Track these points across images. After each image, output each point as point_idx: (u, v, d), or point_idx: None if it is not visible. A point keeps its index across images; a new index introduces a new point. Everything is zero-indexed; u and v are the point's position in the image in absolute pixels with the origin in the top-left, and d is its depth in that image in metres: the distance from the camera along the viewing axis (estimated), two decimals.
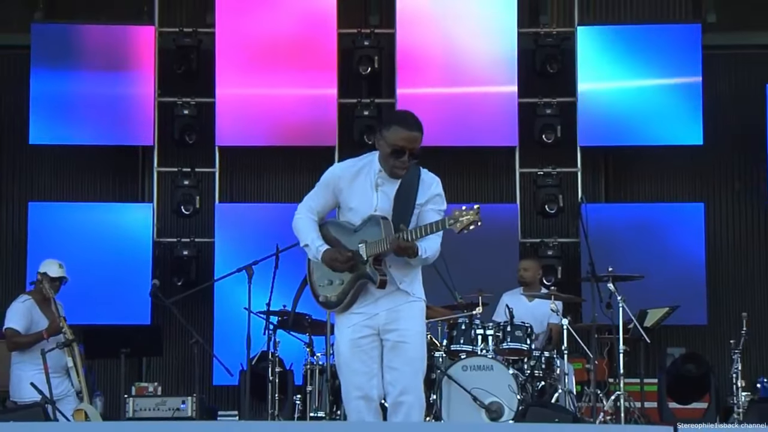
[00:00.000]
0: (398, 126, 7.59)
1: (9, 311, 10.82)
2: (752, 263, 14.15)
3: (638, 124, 14.38)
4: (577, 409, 10.66)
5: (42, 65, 14.25)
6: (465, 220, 7.19)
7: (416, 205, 7.54)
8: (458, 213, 7.23)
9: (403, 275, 7.60)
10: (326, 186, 7.71)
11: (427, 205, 7.53)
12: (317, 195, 7.73)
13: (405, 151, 7.49)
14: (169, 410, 11.66)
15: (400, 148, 7.50)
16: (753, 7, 14.71)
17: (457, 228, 7.21)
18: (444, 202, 7.58)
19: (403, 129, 7.55)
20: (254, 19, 14.49)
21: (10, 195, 14.37)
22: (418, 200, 7.55)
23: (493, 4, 14.54)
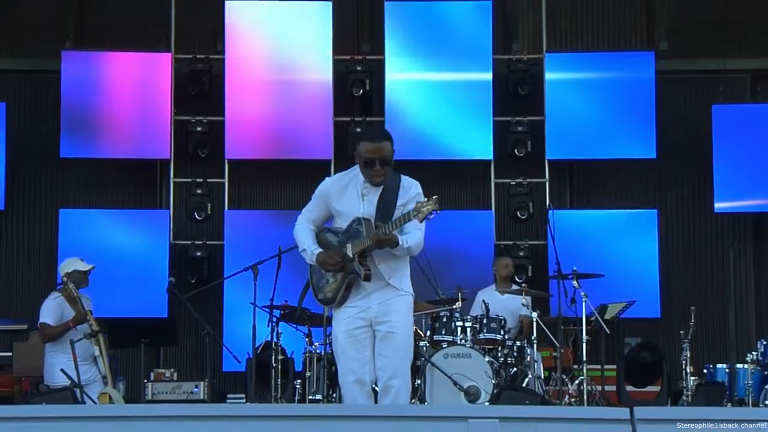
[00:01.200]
0: (365, 140, 7.70)
1: (42, 307, 10.80)
2: (700, 263, 14.17)
3: (599, 140, 14.40)
4: (545, 392, 10.65)
5: (71, 87, 14.24)
6: (425, 210, 7.28)
7: (397, 206, 7.57)
8: (419, 205, 7.34)
9: (391, 271, 7.63)
10: (319, 198, 7.82)
11: (408, 206, 7.53)
12: (312, 207, 7.84)
13: (375, 161, 7.56)
14: (184, 393, 11.68)
15: (370, 160, 7.58)
16: (699, 37, 14.77)
17: (420, 218, 7.31)
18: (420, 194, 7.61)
19: (369, 142, 7.65)
20: (259, 47, 14.53)
21: (43, 203, 14.35)
22: (398, 202, 7.59)
23: (470, 34, 14.53)
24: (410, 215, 7.38)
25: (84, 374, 10.24)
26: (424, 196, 7.60)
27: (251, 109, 14.43)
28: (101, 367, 10.52)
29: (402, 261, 7.73)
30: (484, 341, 10.54)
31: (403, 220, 7.45)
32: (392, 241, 7.49)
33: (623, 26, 15.07)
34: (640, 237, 14.10)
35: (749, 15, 14.58)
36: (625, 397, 11.47)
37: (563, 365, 11.11)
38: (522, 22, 14.95)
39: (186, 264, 14.05)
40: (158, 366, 12.76)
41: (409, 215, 7.40)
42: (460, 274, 11.42)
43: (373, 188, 7.64)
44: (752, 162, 14.31)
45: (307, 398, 10.54)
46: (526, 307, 11.26)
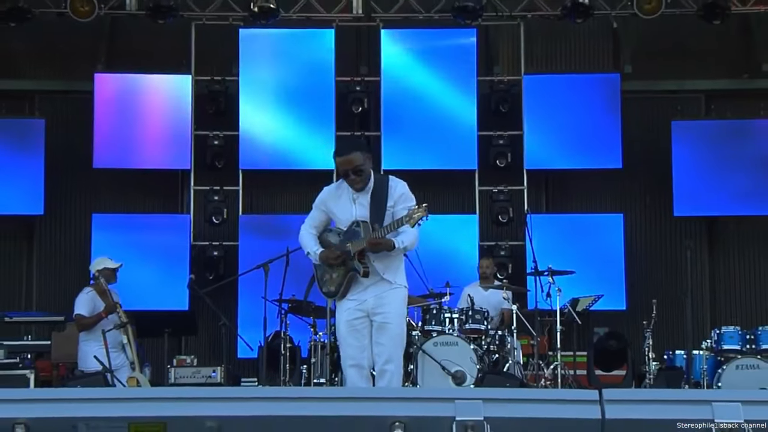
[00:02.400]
0: (336, 156, 7.79)
1: (76, 301, 10.80)
2: (660, 261, 14.18)
3: (572, 152, 14.45)
4: (524, 376, 10.65)
5: (103, 106, 14.27)
6: (416, 216, 7.34)
7: (387, 207, 7.60)
8: (411, 211, 7.38)
9: (385, 267, 7.64)
10: (317, 207, 7.89)
11: (397, 206, 7.57)
12: (313, 215, 7.91)
13: (347, 171, 7.63)
14: (203, 377, 11.65)
15: (343, 171, 7.68)
16: (660, 61, 14.81)
17: (411, 223, 7.36)
18: (411, 199, 7.65)
19: (338, 156, 7.75)
20: (269, 70, 14.56)
21: (78, 208, 14.36)
22: (388, 203, 7.61)
23: (457, 58, 14.59)
24: (402, 221, 7.42)
25: (114, 360, 10.25)
26: (411, 195, 7.65)
27: (262, 125, 14.47)
28: (129, 354, 10.52)
29: (395, 257, 7.73)
30: (470, 331, 10.54)
31: (396, 225, 7.48)
32: (388, 245, 7.52)
33: (592, 52, 15.11)
34: (607, 238, 14.14)
35: (703, 43, 14.64)
36: (594, 381, 11.45)
37: (540, 352, 11.09)
38: (502, 48, 14.99)
39: (204, 263, 14.06)
40: (180, 353, 12.76)
41: (401, 221, 7.43)
42: (448, 272, 11.42)
43: (362, 193, 7.68)
44: (707, 172, 14.35)
45: (312, 382, 10.53)
46: (507, 301, 11.28)
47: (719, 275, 14.73)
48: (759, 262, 14.65)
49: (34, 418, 4.97)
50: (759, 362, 10.48)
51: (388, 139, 14.28)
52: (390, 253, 7.62)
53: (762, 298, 13.41)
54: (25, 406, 5.03)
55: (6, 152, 14.21)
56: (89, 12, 13.82)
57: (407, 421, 4.91)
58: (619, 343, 12.04)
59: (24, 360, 11.58)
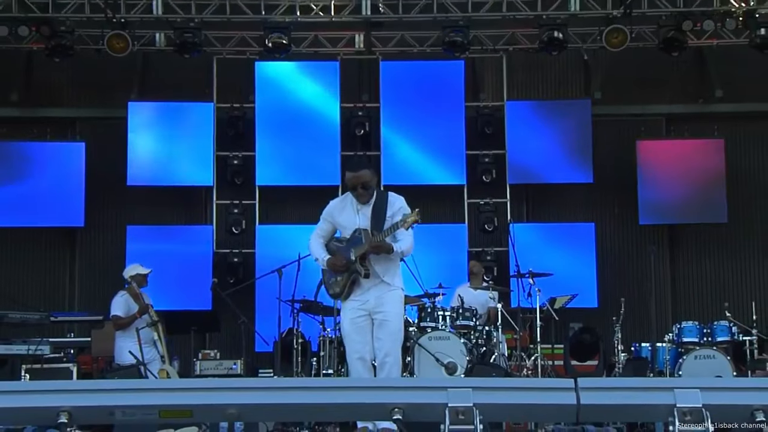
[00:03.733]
0: (348, 171, 7.82)
1: (112, 303, 10.81)
2: (627, 264, 14.18)
3: (549, 169, 14.47)
4: (508, 366, 10.61)
5: (135, 130, 14.30)
6: (410, 220, 7.38)
7: (387, 217, 7.60)
8: (405, 216, 7.43)
9: (384, 270, 7.65)
10: (324, 219, 7.89)
11: (396, 216, 7.56)
12: (320, 225, 7.91)
13: (356, 186, 7.63)
14: (225, 369, 11.66)
15: (352, 185, 7.66)
16: (625, 88, 14.84)
17: (405, 227, 7.41)
18: (407, 209, 7.62)
19: (350, 172, 7.76)
20: (281, 98, 14.57)
21: (114, 221, 14.35)
22: (387, 214, 7.61)
23: (447, 87, 14.62)
24: (398, 225, 7.46)
25: (146, 355, 10.26)
26: (407, 207, 7.64)
27: (276, 146, 14.48)
28: (160, 349, 10.53)
29: (393, 262, 7.74)
30: (460, 327, 10.51)
31: (393, 230, 7.52)
32: (387, 247, 7.55)
33: (566, 80, 15.14)
34: (581, 244, 14.14)
35: (663, 72, 14.67)
36: (570, 370, 11.45)
37: (522, 345, 11.06)
38: (487, 78, 15.01)
39: (226, 268, 14.05)
40: (204, 348, 12.71)
41: (396, 225, 7.47)
42: (441, 274, 11.37)
43: (365, 205, 7.68)
44: (668, 185, 14.36)
45: (321, 372, 10.51)
46: (493, 300, 11.28)
47: (679, 276, 14.74)
48: (714, 264, 14.67)
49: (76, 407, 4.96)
50: (714, 353, 10.48)
51: (386, 158, 14.31)
52: (389, 258, 7.64)
53: (717, 296, 13.39)
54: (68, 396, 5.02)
55: (51, 172, 14.21)
56: (124, 48, 13.85)
57: (405, 407, 4.89)
58: (592, 336, 12.05)
59: (67, 355, 11.59)
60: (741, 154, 14.77)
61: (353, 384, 5.80)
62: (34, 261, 14.49)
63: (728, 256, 14.62)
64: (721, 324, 10.92)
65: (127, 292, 10.82)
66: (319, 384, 6.21)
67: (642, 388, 5.25)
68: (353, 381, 7.01)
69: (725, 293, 13.09)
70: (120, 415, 5.03)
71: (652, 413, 5.08)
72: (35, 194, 14.10)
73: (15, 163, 14.24)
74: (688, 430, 4.83)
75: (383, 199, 7.72)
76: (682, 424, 4.83)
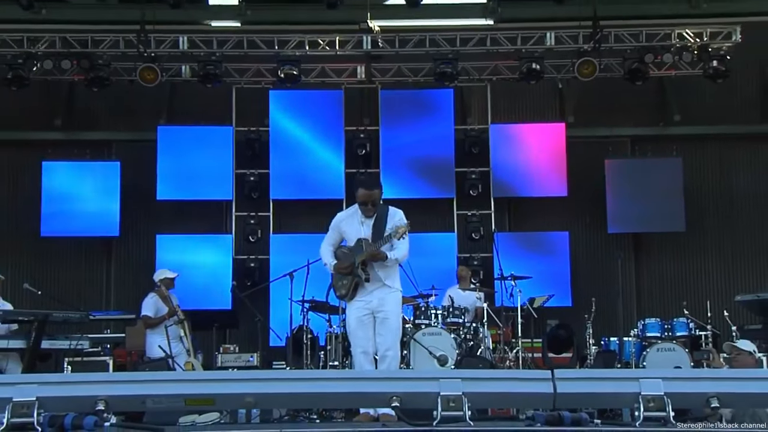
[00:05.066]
0: (359, 187, 7.79)
1: (143, 303, 10.79)
2: (598, 268, 14.10)
3: (528, 184, 14.47)
4: (493, 358, 10.59)
5: (164, 151, 14.30)
6: (400, 231, 7.46)
7: (387, 228, 7.60)
8: (397, 228, 7.48)
9: (385, 275, 7.68)
10: (333, 228, 7.90)
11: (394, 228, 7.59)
12: (329, 235, 7.93)
13: (367, 203, 7.64)
14: (243, 361, 11.65)
15: (363, 201, 7.66)
16: (595, 113, 14.84)
17: (397, 237, 7.46)
18: (404, 221, 7.64)
19: (361, 189, 7.75)
20: (292, 122, 14.57)
21: (145, 231, 14.32)
22: (387, 226, 7.62)
23: (438, 112, 14.64)
24: (390, 236, 7.50)
25: (174, 349, 10.22)
26: (405, 219, 7.67)
27: (288, 165, 14.46)
28: (186, 343, 10.50)
29: (393, 267, 7.76)
30: (451, 324, 10.47)
31: (387, 240, 7.54)
32: (381, 256, 7.57)
33: (544, 106, 15.15)
34: (556, 250, 14.14)
35: (628, 99, 14.65)
36: (547, 361, 11.40)
37: (505, 339, 11.04)
38: (473, 104, 15.02)
39: (243, 272, 14.03)
40: (225, 342, 12.71)
41: (389, 236, 7.51)
42: (433, 277, 11.34)
43: (368, 218, 7.70)
44: (633, 198, 14.36)
45: (328, 364, 10.49)
46: (480, 300, 11.21)
47: (643, 278, 14.74)
48: (673, 268, 14.67)
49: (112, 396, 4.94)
50: (674, 346, 10.48)
51: (385, 174, 14.21)
52: (387, 264, 7.64)
53: (676, 296, 13.35)
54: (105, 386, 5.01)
55: (90, 187, 14.22)
56: (154, 79, 13.86)
57: (402, 396, 4.89)
58: (567, 332, 12.01)
59: (104, 349, 11.58)
60: (697, 171, 14.78)
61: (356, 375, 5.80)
62: (75, 266, 14.49)
63: (686, 261, 14.62)
64: (680, 320, 10.92)
65: (156, 293, 10.80)
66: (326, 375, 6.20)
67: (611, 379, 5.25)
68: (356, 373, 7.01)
69: (683, 293, 13.07)
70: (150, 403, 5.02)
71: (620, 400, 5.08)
72: (76, 208, 14.08)
73: (59, 181, 14.22)
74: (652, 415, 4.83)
75: (384, 213, 7.73)
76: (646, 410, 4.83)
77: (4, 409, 4.73)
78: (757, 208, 14.76)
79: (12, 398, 4.76)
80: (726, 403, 5.04)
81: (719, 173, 14.96)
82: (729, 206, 14.78)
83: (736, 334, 10.13)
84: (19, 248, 14.20)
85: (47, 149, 14.46)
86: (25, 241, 14.20)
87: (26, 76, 13.73)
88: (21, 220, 14.29)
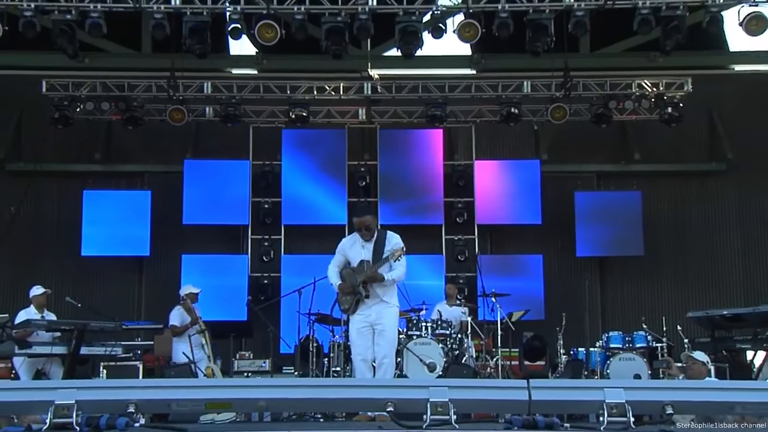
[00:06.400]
0: (354, 216, 7.93)
1: (170, 315, 10.76)
2: (568, 287, 14.04)
3: (507, 213, 14.46)
4: (476, 366, 10.56)
5: (190, 181, 14.29)
6: (396, 254, 7.51)
7: (385, 251, 7.64)
8: (394, 251, 7.53)
9: (383, 293, 7.70)
10: (338, 252, 7.92)
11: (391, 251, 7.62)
12: (336, 258, 7.95)
13: (361, 228, 7.70)
14: (257, 366, 11.57)
15: (358, 227, 7.72)
16: (566, 151, 14.85)
17: (394, 259, 7.52)
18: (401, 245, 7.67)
19: (356, 217, 7.85)
20: (302, 157, 14.59)
21: (173, 251, 14.25)
22: (386, 249, 7.65)
23: (429, 149, 14.66)
24: (388, 258, 7.53)
25: (196, 355, 10.17)
26: (401, 243, 7.68)
27: (297, 194, 14.45)
28: (207, 350, 10.44)
29: (390, 286, 7.76)
30: (439, 335, 10.43)
31: (385, 262, 7.57)
32: (379, 278, 7.60)
33: (521, 144, 15.17)
34: (532, 271, 14.11)
35: (595, 139, 14.68)
36: (523, 368, 11.38)
37: (486, 349, 11.01)
38: (460, 142, 15.03)
39: (258, 288, 13.98)
40: (241, 349, 12.62)
41: (386, 259, 7.55)
42: (424, 294, 11.33)
43: (369, 242, 7.70)
44: (598, 226, 14.37)
45: (331, 370, 10.45)
46: (464, 314, 11.15)
47: (607, 296, 14.71)
48: (634, 287, 14.64)
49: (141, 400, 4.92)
50: (634, 356, 10.46)
51: (383, 203, 14.31)
52: (385, 283, 7.64)
53: (636, 312, 13.23)
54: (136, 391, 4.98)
55: (124, 213, 14.18)
56: (181, 119, 13.95)
57: (396, 402, 4.87)
58: (540, 343, 12.00)
59: (135, 354, 11.52)
60: (654, 203, 14.79)
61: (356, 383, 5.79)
62: (110, 282, 14.44)
63: (644, 281, 14.60)
64: (639, 334, 10.90)
65: (181, 306, 10.79)
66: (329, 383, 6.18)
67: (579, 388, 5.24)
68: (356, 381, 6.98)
69: (642, 310, 13.01)
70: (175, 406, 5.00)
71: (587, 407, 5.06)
72: (112, 230, 14.05)
73: (97, 207, 14.20)
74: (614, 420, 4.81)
75: (383, 237, 7.76)
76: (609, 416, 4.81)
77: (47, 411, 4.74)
78: (705, 235, 14.80)
79: (54, 401, 4.76)
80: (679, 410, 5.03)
81: (673, 205, 14.99)
82: (682, 233, 14.79)
83: (689, 346, 10.10)
84: (62, 266, 14.17)
85: (88, 179, 14.48)
86: (68, 260, 14.17)
87: (71, 116, 13.79)
88: (64, 241, 14.26)
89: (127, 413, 4.85)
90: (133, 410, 4.86)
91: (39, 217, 14.61)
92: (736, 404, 4.88)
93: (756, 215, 14.83)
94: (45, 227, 14.58)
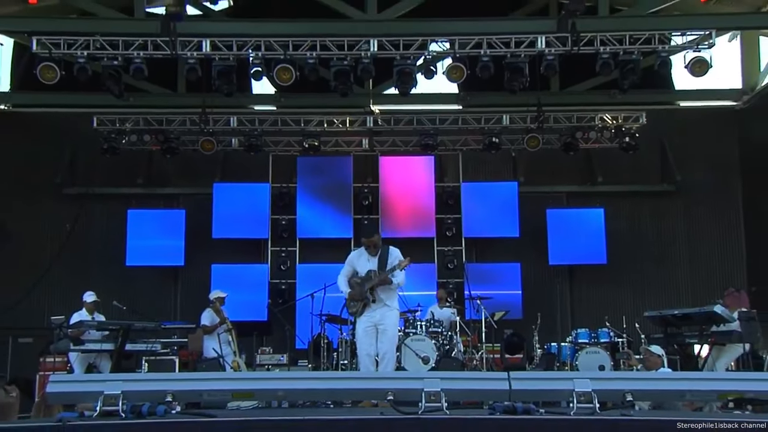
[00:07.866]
0: (363, 237, 7.97)
1: (202, 316, 10.75)
2: (542, 291, 13.98)
3: (490, 227, 14.36)
4: (464, 359, 10.53)
5: (219, 202, 14.25)
6: (403, 264, 7.61)
7: (388, 263, 7.70)
8: (401, 261, 7.63)
9: (386, 297, 7.76)
10: (347, 264, 7.95)
11: (393, 262, 7.70)
12: (345, 268, 7.99)
13: (369, 245, 7.77)
14: (276, 360, 11.57)
15: (366, 245, 7.79)
16: (540, 175, 14.79)
17: (400, 268, 7.61)
18: (401, 257, 7.77)
19: (365, 238, 7.92)
20: (314, 180, 14.52)
21: (204, 261, 14.15)
22: (388, 260, 7.72)
23: (423, 173, 14.61)
24: (395, 267, 7.58)
25: (224, 351, 10.19)
26: (401, 255, 7.76)
27: (310, 212, 14.39)
28: (233, 346, 10.44)
29: (392, 291, 7.82)
30: (432, 332, 10.44)
31: (392, 270, 7.62)
32: (388, 281, 7.67)
33: (500, 169, 15.10)
34: (510, 278, 14.00)
35: (564, 164, 14.69)
36: (504, 361, 11.35)
37: (472, 344, 10.99)
38: (449, 167, 15.00)
39: (277, 293, 13.90)
40: (262, 345, 12.60)
41: (395, 267, 7.59)
42: (419, 297, 11.31)
43: (373, 256, 7.74)
44: (567, 238, 14.29)
45: (339, 363, 10.43)
46: (454, 315, 11.13)
47: (576, 299, 14.61)
48: (599, 291, 14.53)
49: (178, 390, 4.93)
50: (599, 350, 10.45)
51: (383, 219, 14.26)
52: (389, 288, 7.71)
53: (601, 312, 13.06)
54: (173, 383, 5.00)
55: (162, 229, 14.14)
56: (211, 148, 13.99)
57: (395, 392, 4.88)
58: (519, 338, 11.96)
59: (172, 350, 11.47)
60: (615, 218, 14.72)
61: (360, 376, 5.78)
62: (151, 288, 14.37)
63: (607, 286, 14.51)
64: (603, 330, 10.91)
65: (211, 308, 10.77)
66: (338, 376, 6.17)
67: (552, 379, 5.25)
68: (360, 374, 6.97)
69: (606, 310, 12.94)
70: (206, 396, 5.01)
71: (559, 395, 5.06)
72: (152, 244, 14.01)
73: (139, 224, 14.18)
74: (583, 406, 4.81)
75: (386, 251, 7.82)
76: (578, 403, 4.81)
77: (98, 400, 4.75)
78: (658, 246, 14.78)
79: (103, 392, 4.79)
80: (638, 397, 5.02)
81: (631, 220, 14.95)
82: (638, 245, 14.76)
83: (645, 341, 10.08)
84: (109, 275, 14.11)
85: (132, 201, 14.46)
86: (114, 269, 14.12)
87: (117, 146, 13.84)
88: (111, 254, 14.22)
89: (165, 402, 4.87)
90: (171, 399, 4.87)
91: (90, 233, 14.58)
92: (686, 392, 4.88)
93: (701, 229, 14.83)
94: (95, 242, 14.56)
